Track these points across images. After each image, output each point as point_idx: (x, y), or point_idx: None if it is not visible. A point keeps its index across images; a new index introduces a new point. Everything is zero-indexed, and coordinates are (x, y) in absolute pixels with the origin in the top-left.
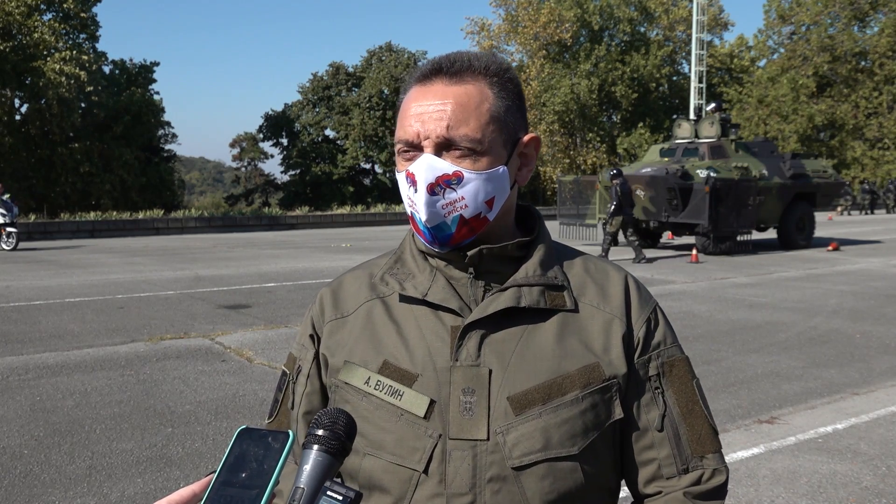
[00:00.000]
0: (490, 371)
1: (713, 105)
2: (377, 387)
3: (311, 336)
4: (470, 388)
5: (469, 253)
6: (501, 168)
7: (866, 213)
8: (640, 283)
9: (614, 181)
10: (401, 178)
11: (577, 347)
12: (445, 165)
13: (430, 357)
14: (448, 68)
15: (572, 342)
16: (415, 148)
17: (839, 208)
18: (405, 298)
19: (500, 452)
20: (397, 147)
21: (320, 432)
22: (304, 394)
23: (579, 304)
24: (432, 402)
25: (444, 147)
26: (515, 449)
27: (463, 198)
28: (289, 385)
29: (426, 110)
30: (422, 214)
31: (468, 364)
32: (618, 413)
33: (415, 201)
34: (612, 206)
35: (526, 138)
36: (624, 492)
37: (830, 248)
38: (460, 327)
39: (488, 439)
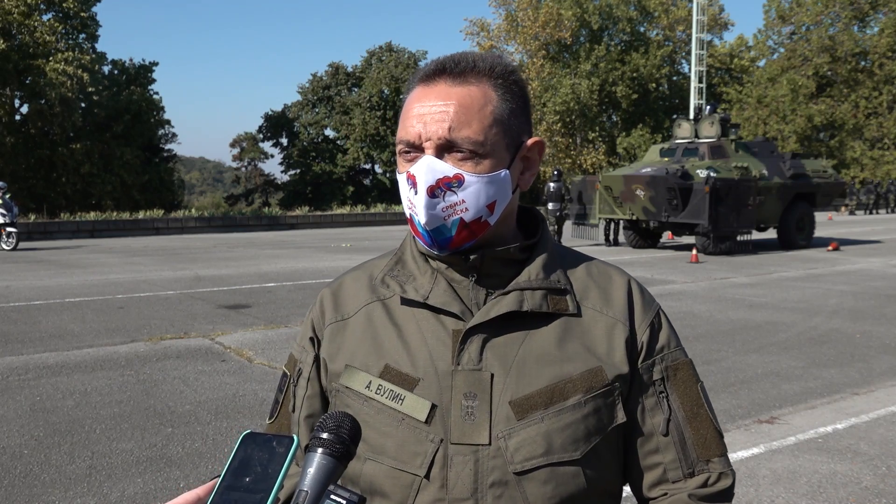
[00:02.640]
0: (492, 375)
1: (710, 107)
2: (378, 391)
3: (312, 339)
4: (472, 392)
5: (471, 257)
6: (504, 171)
7: (869, 213)
8: (643, 286)
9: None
10: (401, 179)
11: (580, 351)
12: (446, 168)
13: (431, 361)
14: (452, 69)
15: (575, 346)
16: (416, 149)
17: (843, 208)
18: (406, 301)
19: (501, 457)
20: (398, 147)
21: (325, 436)
22: (304, 397)
23: (582, 307)
24: (434, 407)
25: (445, 149)
26: (517, 454)
27: (464, 201)
28: (289, 387)
29: (428, 111)
30: (421, 217)
31: (470, 368)
32: (620, 417)
33: (414, 203)
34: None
35: (530, 142)
36: (626, 492)
37: (830, 248)
38: (462, 331)
39: (490, 444)
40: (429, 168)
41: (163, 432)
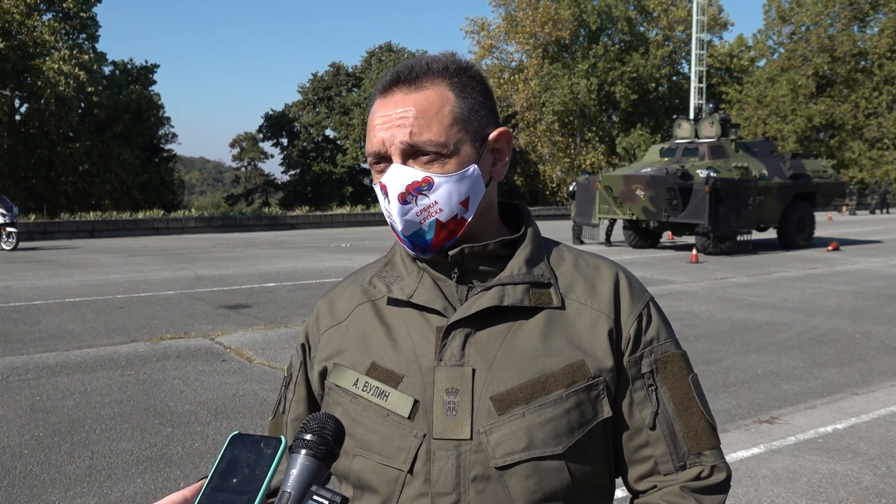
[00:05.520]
0: (473, 371)
1: (710, 106)
2: (365, 388)
3: (303, 345)
4: (453, 388)
5: (451, 253)
6: (472, 167)
7: (871, 213)
8: (632, 278)
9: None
10: (377, 190)
11: (563, 345)
12: (414, 173)
13: (415, 357)
14: (406, 76)
15: (558, 340)
16: (384, 159)
17: (844, 208)
18: (392, 301)
19: (483, 452)
20: (369, 161)
21: (308, 437)
22: (292, 400)
23: (566, 301)
24: (416, 403)
25: (410, 154)
26: (499, 448)
27: (436, 202)
28: (283, 389)
29: (388, 119)
30: (398, 224)
31: (452, 364)
32: (605, 412)
33: (391, 212)
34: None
35: (494, 134)
36: (624, 493)
37: (830, 248)
38: (444, 327)
39: (471, 439)
40: (397, 175)
41: (163, 432)
